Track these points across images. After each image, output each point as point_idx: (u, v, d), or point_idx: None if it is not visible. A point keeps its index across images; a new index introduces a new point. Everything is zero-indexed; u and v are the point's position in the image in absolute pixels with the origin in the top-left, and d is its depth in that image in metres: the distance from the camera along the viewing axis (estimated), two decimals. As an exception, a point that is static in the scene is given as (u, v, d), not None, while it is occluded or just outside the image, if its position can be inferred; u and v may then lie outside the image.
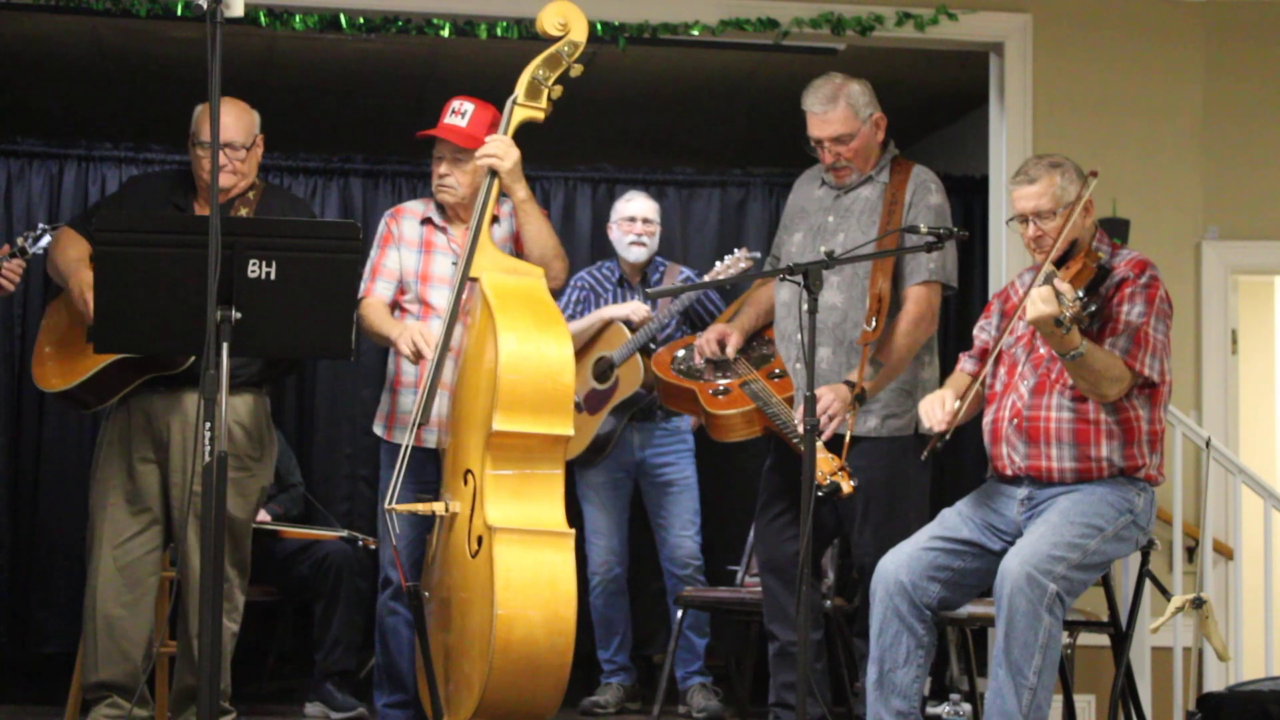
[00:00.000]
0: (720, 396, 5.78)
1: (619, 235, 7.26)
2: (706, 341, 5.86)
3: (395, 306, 5.86)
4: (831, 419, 5.36)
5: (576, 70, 5.74)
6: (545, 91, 5.69)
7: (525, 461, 5.27)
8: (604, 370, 7.01)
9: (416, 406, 5.49)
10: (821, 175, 5.82)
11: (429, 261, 5.87)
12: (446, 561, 5.37)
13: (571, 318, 7.11)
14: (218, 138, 4.35)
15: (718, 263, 6.87)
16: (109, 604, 5.43)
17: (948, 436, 5.10)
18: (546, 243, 5.74)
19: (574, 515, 6.01)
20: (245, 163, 5.48)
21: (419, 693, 5.56)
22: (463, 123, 5.79)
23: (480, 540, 5.15)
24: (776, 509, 5.76)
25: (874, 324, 5.41)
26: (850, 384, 5.41)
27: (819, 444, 5.38)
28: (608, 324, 7.07)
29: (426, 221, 5.91)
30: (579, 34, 5.72)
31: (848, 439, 5.27)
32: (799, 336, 5.63)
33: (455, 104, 5.82)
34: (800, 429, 5.31)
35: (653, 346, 6.79)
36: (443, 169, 5.83)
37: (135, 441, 5.47)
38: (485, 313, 5.34)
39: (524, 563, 5.13)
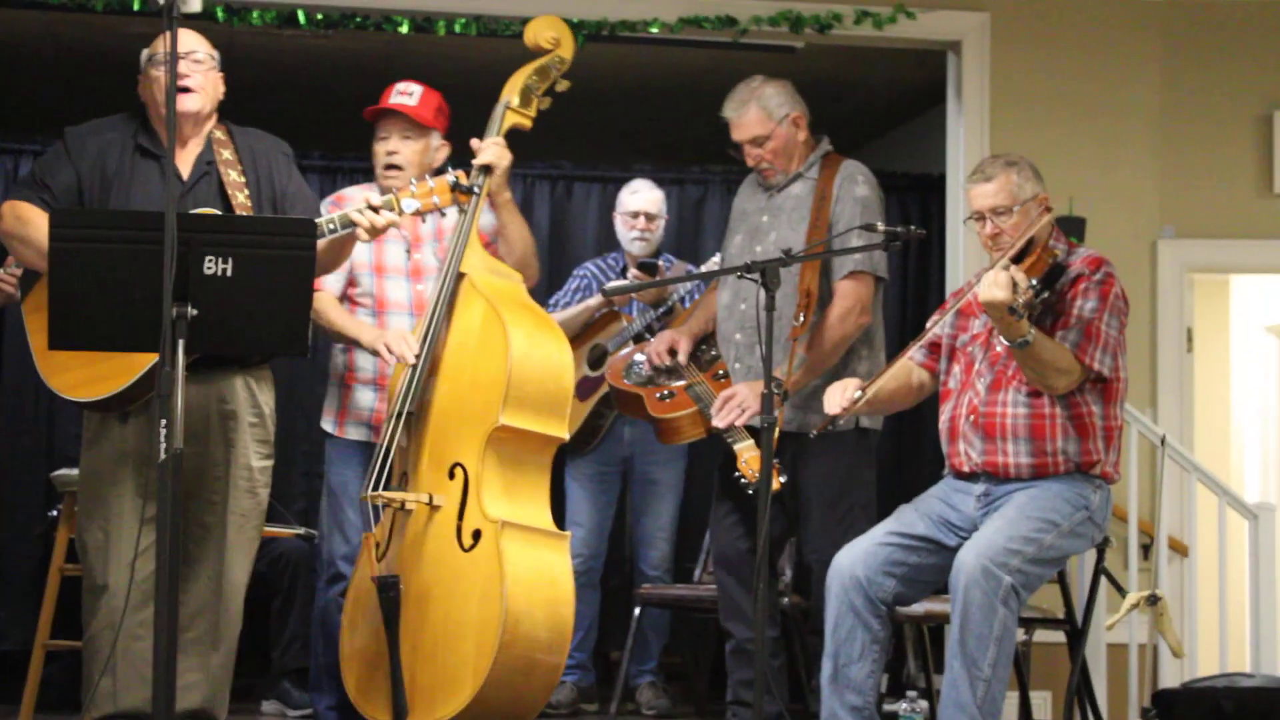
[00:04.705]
0: (665, 400, 5.83)
1: (622, 229, 7.28)
2: (656, 350, 5.93)
3: (343, 299, 5.82)
4: (744, 412, 5.50)
5: (563, 85, 5.81)
6: (535, 101, 5.72)
7: (520, 459, 5.27)
8: (598, 358, 7.02)
9: (395, 401, 5.39)
10: (757, 178, 5.88)
11: (381, 251, 5.81)
12: (417, 555, 5.26)
13: (566, 307, 7.16)
14: (174, 146, 4.32)
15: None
16: (130, 625, 4.84)
17: (841, 422, 5.21)
18: (528, 244, 5.76)
19: (558, 502, 6.03)
20: (206, 78, 5.15)
21: (350, 692, 5.40)
22: (412, 101, 5.81)
23: (477, 534, 5.11)
24: (726, 507, 5.80)
25: (801, 319, 5.45)
26: (777, 380, 5.45)
27: (749, 441, 5.45)
28: (607, 314, 7.09)
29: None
30: (568, 51, 5.81)
31: (777, 434, 5.29)
32: (737, 337, 5.70)
33: (401, 85, 5.84)
34: (719, 423, 5.54)
35: (648, 336, 6.79)
36: (391, 145, 5.80)
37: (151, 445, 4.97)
38: (486, 308, 5.33)
39: (528, 560, 5.12)
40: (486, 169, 5.57)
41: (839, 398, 5.12)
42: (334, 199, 5.94)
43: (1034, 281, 4.86)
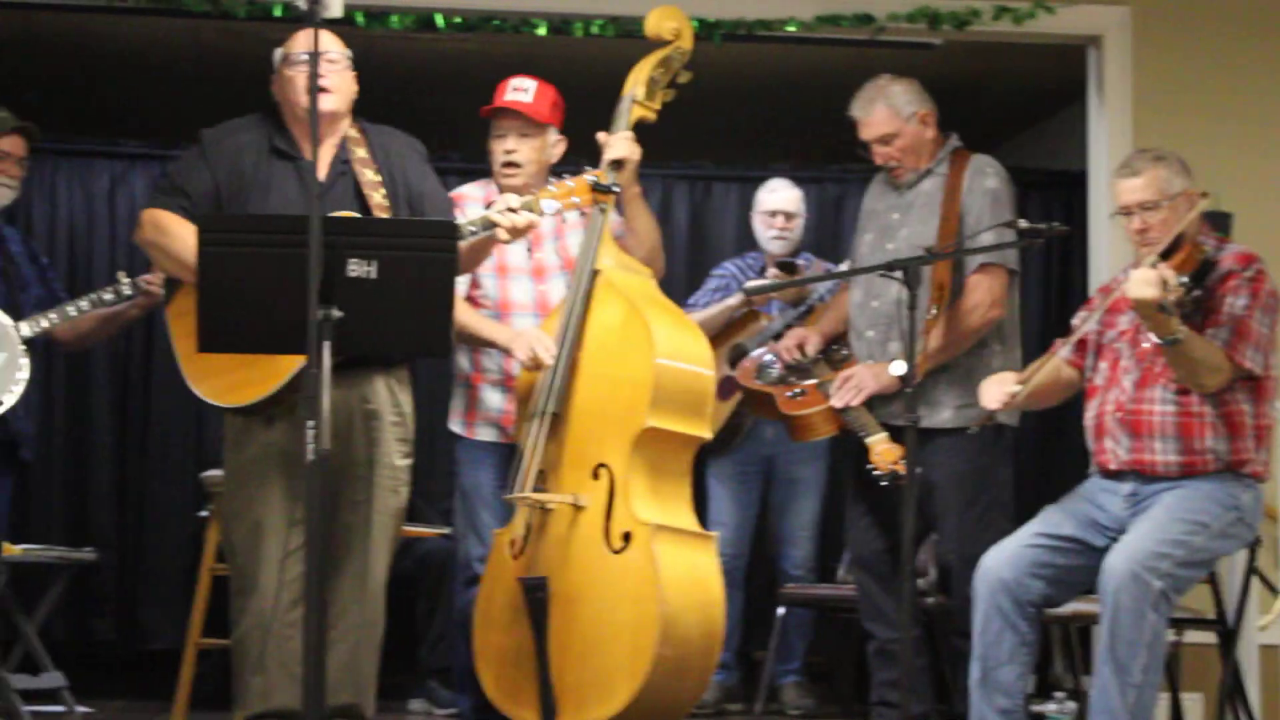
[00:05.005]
0: (797, 398, 5.82)
1: (760, 228, 7.28)
2: (785, 347, 5.93)
3: (465, 300, 5.75)
4: (860, 392, 5.60)
5: (685, 77, 5.77)
6: (659, 93, 5.70)
7: (664, 460, 5.25)
8: (738, 358, 7.00)
9: (537, 401, 5.34)
10: (886, 177, 5.88)
11: (502, 252, 5.70)
12: (562, 556, 5.23)
13: (705, 307, 7.17)
14: (316, 149, 4.35)
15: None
16: (278, 625, 4.91)
17: (998, 418, 5.15)
18: (655, 239, 5.73)
19: (700, 502, 6.01)
20: (342, 78, 5.16)
21: (489, 690, 5.40)
22: (527, 98, 5.74)
23: (627, 537, 5.10)
24: (861, 507, 5.81)
25: (934, 311, 5.43)
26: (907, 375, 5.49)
27: (881, 434, 5.44)
28: (747, 313, 7.08)
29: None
30: (688, 41, 5.76)
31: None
32: (870, 333, 5.70)
33: (515, 82, 5.76)
34: (836, 403, 5.61)
35: None
36: (509, 144, 5.73)
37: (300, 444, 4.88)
38: (626, 307, 5.32)
39: (681, 562, 5.10)
40: (617, 164, 5.54)
41: (998, 392, 5.09)
42: (451, 197, 5.90)
43: (1184, 278, 4.80)
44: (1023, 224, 5.13)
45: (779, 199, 7.27)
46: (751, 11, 7.09)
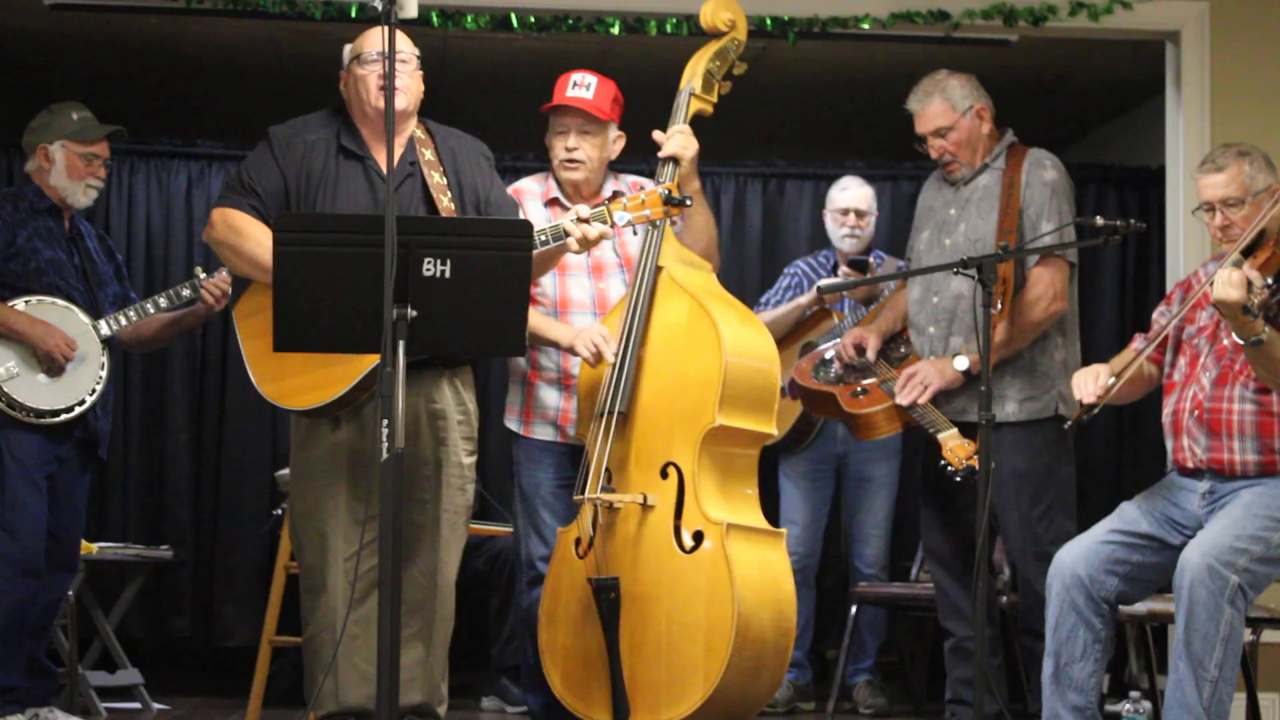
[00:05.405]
0: (859, 397, 5.79)
1: (832, 226, 7.27)
2: (844, 347, 5.91)
3: None
4: (926, 389, 5.56)
5: (740, 68, 5.74)
6: (716, 85, 5.68)
7: (732, 457, 5.24)
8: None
9: (602, 399, 5.30)
10: (942, 174, 5.88)
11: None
12: (632, 555, 5.21)
13: (777, 305, 7.14)
14: (391, 150, 4.37)
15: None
16: (349, 623, 4.88)
17: (1095, 411, 5.05)
18: (712, 235, 5.71)
19: (772, 500, 5.99)
20: (411, 78, 5.14)
21: (557, 689, 5.37)
22: (589, 95, 5.65)
23: (699, 536, 5.08)
24: (933, 504, 5.80)
25: (999, 306, 5.41)
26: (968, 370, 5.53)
27: (952, 430, 5.42)
28: (818, 311, 7.07)
29: (552, 203, 5.71)
30: (743, 32, 5.74)
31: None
32: (931, 330, 5.68)
33: (576, 76, 5.68)
34: (901, 401, 5.58)
35: None
36: (571, 141, 5.65)
37: (367, 444, 4.94)
38: (690, 304, 5.30)
39: (753, 561, 5.09)
40: (674, 160, 5.52)
41: (1093, 385, 5.04)
42: (510, 192, 5.78)
43: (1269, 280, 4.75)
44: (1099, 221, 5.09)
45: (850, 197, 7.26)
46: (826, 9, 7.07)
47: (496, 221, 5.01)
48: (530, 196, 5.72)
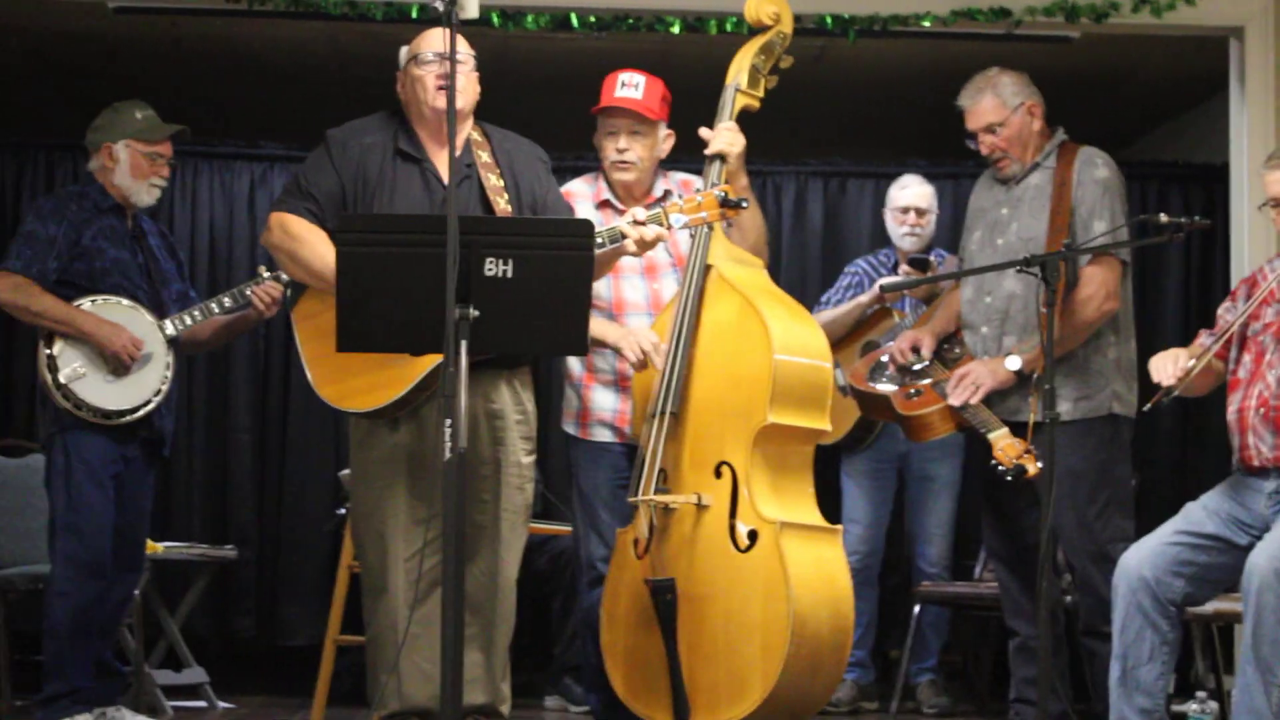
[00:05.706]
0: (913, 398, 5.77)
1: (893, 225, 7.26)
2: (899, 349, 5.89)
3: None
4: (978, 389, 5.54)
5: (786, 62, 5.67)
6: (762, 80, 5.64)
7: (786, 455, 5.21)
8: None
9: (654, 400, 5.29)
10: (993, 174, 5.86)
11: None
12: (688, 555, 5.20)
13: (837, 304, 7.14)
14: (453, 152, 4.38)
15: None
16: (410, 623, 4.89)
17: (1176, 392, 5.00)
18: (761, 231, 5.67)
19: (834, 499, 5.96)
20: (468, 79, 5.12)
21: (619, 690, 5.37)
22: (638, 95, 5.62)
23: (753, 535, 5.07)
24: (994, 503, 5.78)
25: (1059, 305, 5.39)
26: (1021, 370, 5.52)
27: (1003, 430, 5.40)
28: (879, 311, 7.06)
29: (603, 205, 5.69)
30: (788, 25, 5.67)
31: (1031, 422, 5.30)
32: (984, 330, 5.66)
33: (624, 76, 5.65)
34: (954, 401, 5.56)
35: None
36: (622, 143, 5.63)
37: (426, 445, 4.98)
38: (740, 302, 5.27)
39: (809, 559, 5.07)
40: (720, 156, 5.49)
41: (1171, 368, 5.01)
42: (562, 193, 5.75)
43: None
44: (1163, 218, 5.07)
45: (911, 195, 7.24)
46: (886, 7, 7.07)
47: (558, 221, 5.01)
48: (581, 199, 5.70)
